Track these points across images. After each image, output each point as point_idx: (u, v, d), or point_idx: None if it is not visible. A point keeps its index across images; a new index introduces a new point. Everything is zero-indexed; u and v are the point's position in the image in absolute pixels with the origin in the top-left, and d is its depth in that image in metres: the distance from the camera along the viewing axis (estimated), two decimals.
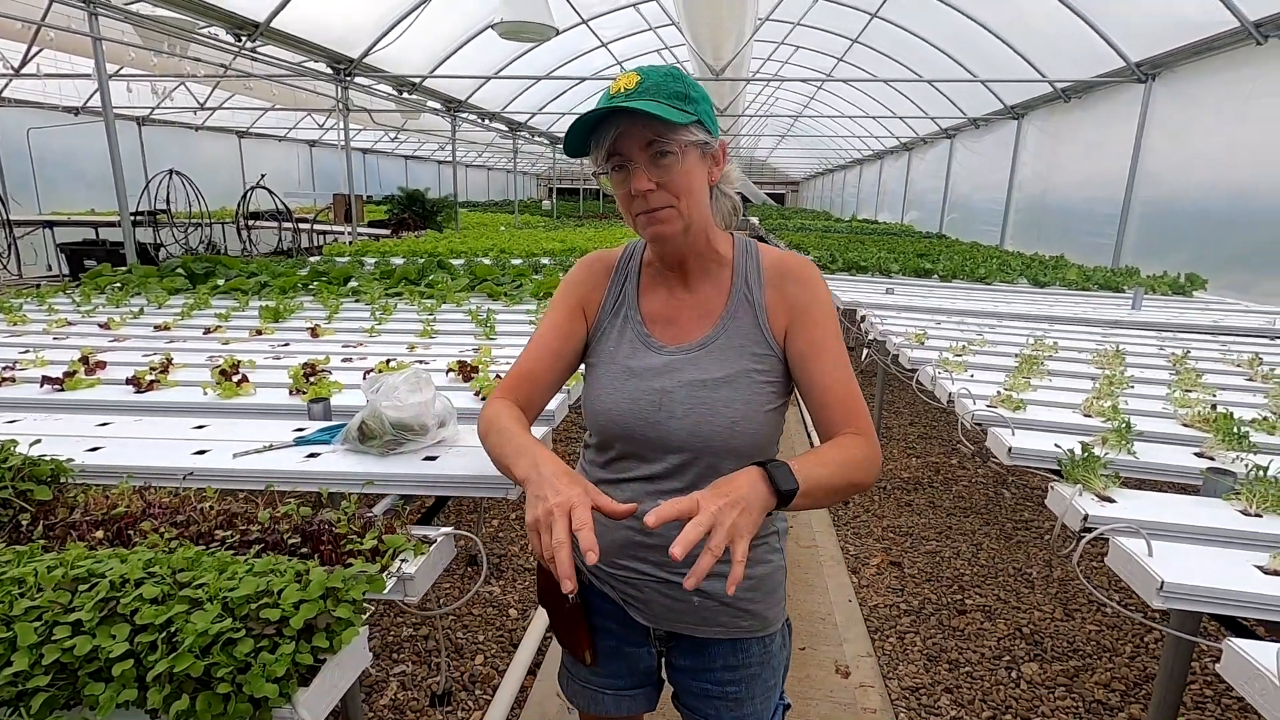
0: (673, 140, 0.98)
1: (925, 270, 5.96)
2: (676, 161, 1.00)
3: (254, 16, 6.62)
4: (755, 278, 1.10)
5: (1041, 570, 3.24)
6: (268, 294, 4.12)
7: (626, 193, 1.02)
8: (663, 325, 1.12)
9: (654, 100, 0.96)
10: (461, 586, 2.97)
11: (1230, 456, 1.70)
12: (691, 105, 1.00)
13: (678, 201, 1.01)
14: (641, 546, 1.09)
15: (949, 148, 12.68)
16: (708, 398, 1.03)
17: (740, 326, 1.07)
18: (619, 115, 0.98)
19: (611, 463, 1.12)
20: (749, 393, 1.04)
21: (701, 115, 1.01)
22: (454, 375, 2.27)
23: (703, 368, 1.06)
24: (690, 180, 1.02)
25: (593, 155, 1.04)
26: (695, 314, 1.11)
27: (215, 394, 2.04)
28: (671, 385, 1.05)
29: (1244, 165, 5.62)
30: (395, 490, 1.44)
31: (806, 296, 1.08)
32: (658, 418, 1.05)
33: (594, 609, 1.17)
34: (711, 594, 1.07)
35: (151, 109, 12.18)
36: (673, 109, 0.97)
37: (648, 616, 1.12)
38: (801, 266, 1.11)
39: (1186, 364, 2.80)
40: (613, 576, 1.13)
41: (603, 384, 1.11)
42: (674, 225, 1.03)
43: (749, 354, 1.06)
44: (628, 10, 10.14)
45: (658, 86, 0.98)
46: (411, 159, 22.76)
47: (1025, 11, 7.45)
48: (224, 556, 0.90)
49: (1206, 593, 1.11)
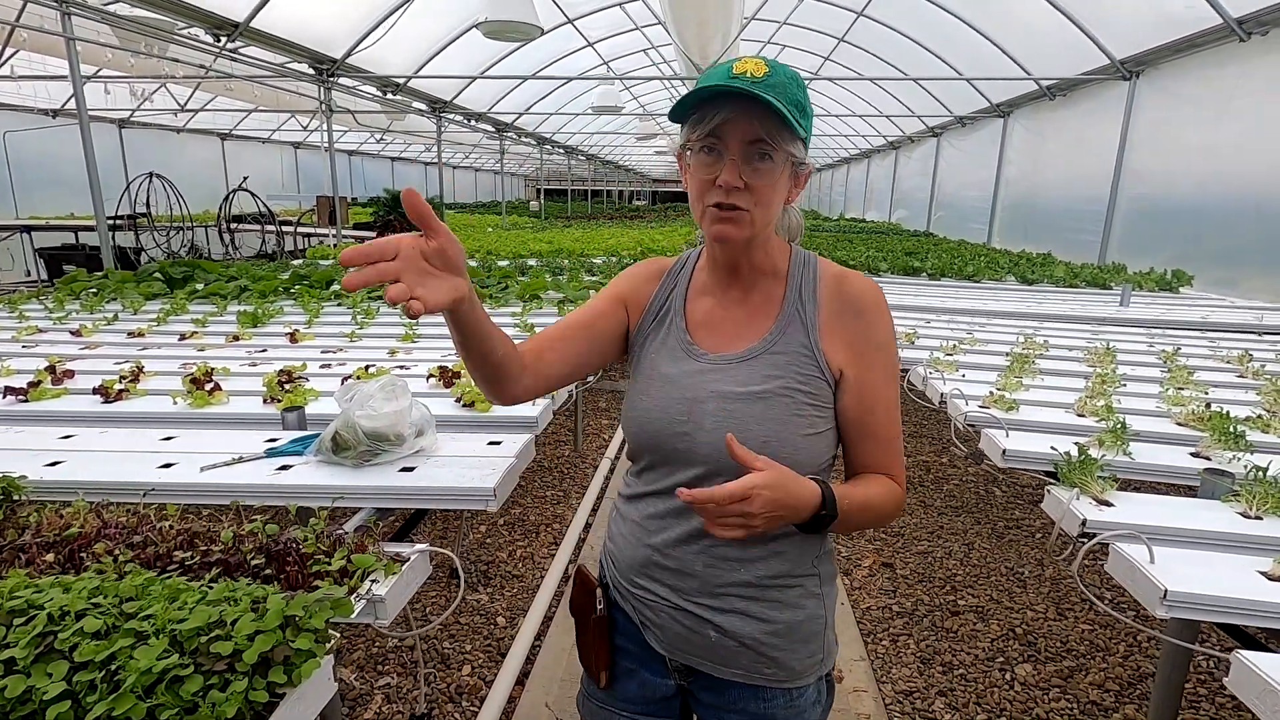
0: (779, 148, 0.92)
1: (914, 269, 5.95)
2: (773, 170, 0.93)
3: (233, 16, 6.52)
4: (810, 294, 1.02)
5: (1034, 569, 3.21)
6: (247, 298, 4.04)
7: (708, 180, 0.95)
8: (707, 332, 1.05)
9: (775, 99, 0.89)
10: (448, 595, 2.91)
11: (1227, 456, 1.68)
12: (805, 120, 0.93)
13: (755, 209, 0.94)
14: (658, 568, 1.01)
15: (936, 146, 12.72)
16: (739, 411, 0.97)
17: (788, 343, 1.00)
18: (735, 99, 0.91)
19: (643, 472, 1.07)
20: (785, 412, 0.96)
21: (808, 133, 0.95)
22: (435, 381, 2.21)
23: (739, 380, 0.99)
24: (774, 193, 0.95)
25: (689, 128, 0.96)
26: (742, 325, 1.04)
27: (186, 403, 1.98)
28: (704, 395, 0.99)
29: (1228, 162, 5.64)
30: (369, 504, 1.38)
31: (869, 331, 1.00)
32: (685, 428, 0.98)
33: (617, 627, 1.10)
34: (730, 631, 0.99)
35: (131, 111, 12.00)
36: (792, 116, 0.90)
37: (663, 644, 1.05)
38: (865, 293, 1.01)
39: (1177, 361, 2.78)
40: (632, 596, 1.06)
41: (637, 388, 1.06)
42: (743, 230, 0.96)
43: (793, 372, 0.98)
44: (613, 10, 10.08)
45: (784, 86, 0.90)
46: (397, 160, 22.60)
47: (1011, 9, 7.46)
48: (176, 583, 0.84)
49: (1211, 601, 1.08)
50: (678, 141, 1.01)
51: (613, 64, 12.37)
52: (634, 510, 1.06)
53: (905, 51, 9.75)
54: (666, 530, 1.00)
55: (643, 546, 1.03)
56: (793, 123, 0.89)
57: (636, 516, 1.05)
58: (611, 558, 1.10)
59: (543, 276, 4.65)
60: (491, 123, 13.62)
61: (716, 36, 7.40)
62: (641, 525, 1.03)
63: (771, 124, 0.90)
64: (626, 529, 1.06)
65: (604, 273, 5.20)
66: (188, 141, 14.19)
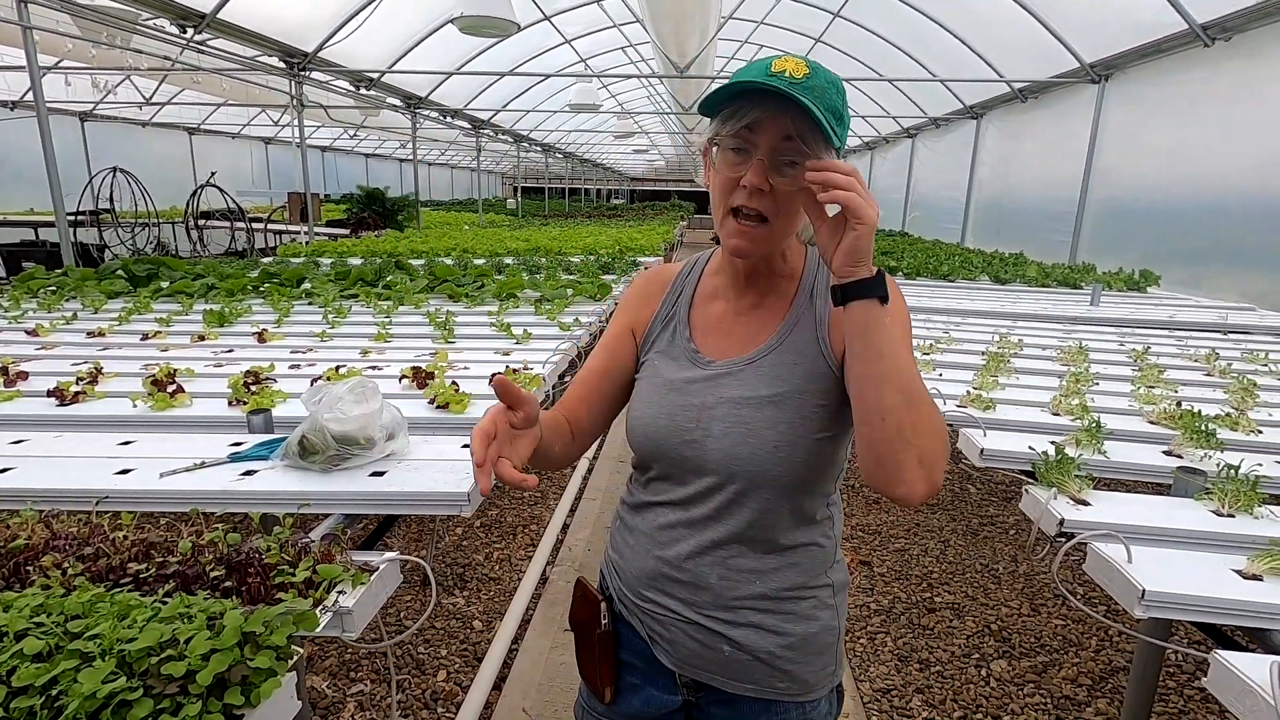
0: (811, 154, 0.86)
1: (890, 268, 6.00)
2: (800, 176, 0.86)
3: (200, 7, 6.34)
4: (823, 290, 0.97)
5: (1008, 566, 3.25)
6: (215, 297, 3.93)
7: (733, 178, 0.90)
8: (713, 338, 1.02)
9: (813, 104, 0.84)
10: (423, 599, 2.86)
11: (1198, 454, 1.70)
12: (841, 129, 0.89)
13: (776, 218, 0.90)
14: (668, 580, 0.98)
15: (910, 147, 12.86)
16: (750, 417, 0.93)
17: (796, 342, 0.96)
18: (770, 97, 0.86)
19: (651, 481, 1.03)
20: (796, 415, 0.93)
21: (843, 143, 0.90)
22: (408, 382, 2.16)
23: (749, 385, 0.95)
24: (796, 203, 0.90)
25: (719, 122, 0.92)
26: (751, 328, 1.00)
27: (146, 406, 1.90)
28: (713, 401, 0.96)
29: (1193, 164, 5.77)
30: (338, 510, 1.34)
31: None
32: (695, 435, 0.95)
33: (622, 642, 1.07)
34: (744, 646, 0.96)
35: (94, 104, 11.66)
36: (828, 124, 0.85)
37: (673, 660, 1.01)
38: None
39: (1148, 360, 2.83)
40: (640, 609, 1.03)
41: (641, 397, 1.03)
42: (760, 247, 0.93)
43: (802, 372, 0.94)
44: (591, 6, 10.03)
45: (823, 90, 0.86)
46: (372, 157, 22.28)
47: (983, 12, 7.55)
48: (126, 599, 0.79)
49: (1188, 601, 1.08)
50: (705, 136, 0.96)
51: (590, 61, 12.31)
52: (642, 521, 1.02)
53: (880, 53, 9.84)
54: (680, 542, 0.97)
55: (652, 558, 0.99)
56: (828, 130, 0.84)
57: (645, 527, 1.01)
58: (616, 569, 1.07)
59: (520, 275, 4.60)
60: (468, 119, 13.48)
61: (694, 34, 7.39)
62: (651, 537, 1.00)
63: (805, 128, 0.85)
64: (634, 540, 1.03)
65: (581, 271, 5.15)
66: (154, 136, 13.83)
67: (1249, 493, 1.39)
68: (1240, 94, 5.28)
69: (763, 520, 0.94)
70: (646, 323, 1.07)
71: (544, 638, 2.60)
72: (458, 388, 1.94)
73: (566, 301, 3.83)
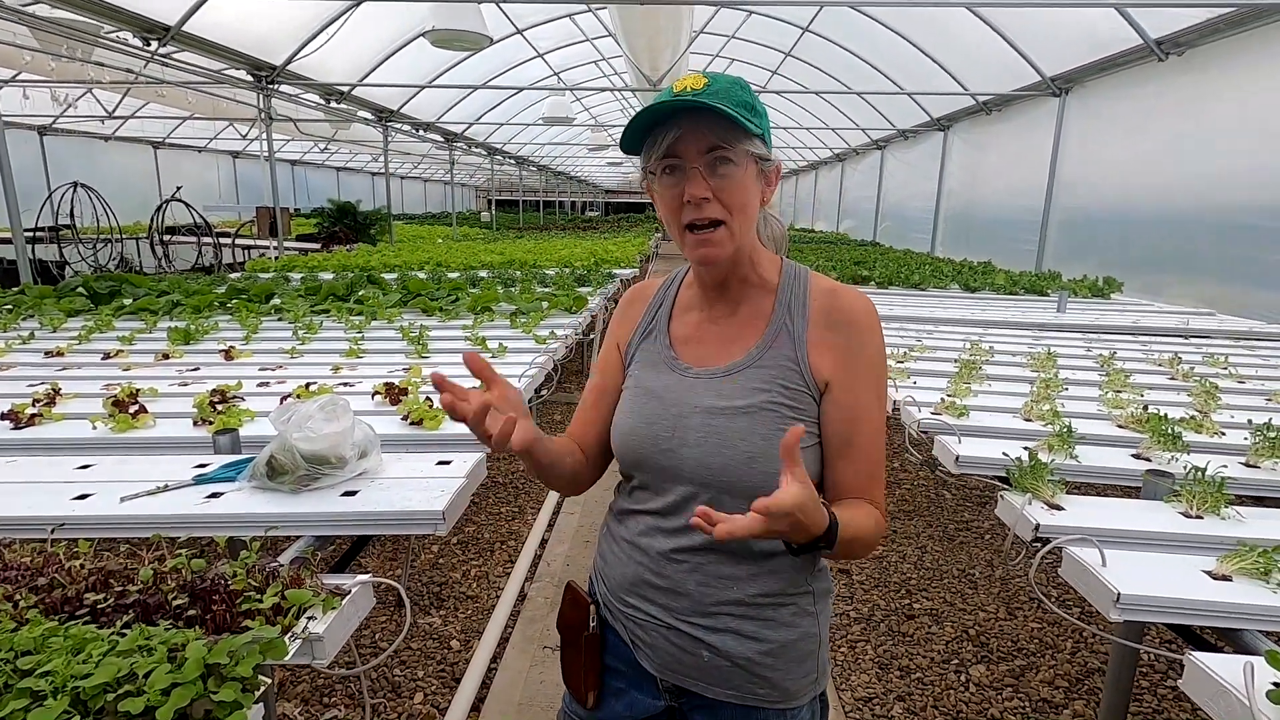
0: (737, 149, 0.91)
1: (863, 277, 6.08)
2: (737, 172, 0.92)
3: (164, 20, 6.23)
4: (800, 308, 1.00)
5: (984, 570, 3.28)
6: (180, 314, 3.84)
7: (677, 197, 0.93)
8: (692, 347, 1.04)
9: (721, 104, 0.89)
10: (398, 620, 2.79)
11: (1166, 457, 1.73)
12: (757, 118, 0.93)
13: (730, 218, 0.93)
14: (650, 586, 0.99)
15: (880, 158, 13.09)
16: (724, 427, 0.95)
17: (774, 357, 0.98)
18: (682, 115, 0.91)
19: (633, 491, 1.05)
20: (771, 427, 0.94)
21: (765, 130, 0.95)
22: (381, 399, 2.12)
23: (725, 395, 0.97)
24: (746, 196, 0.94)
25: (645, 155, 0.96)
26: (728, 338, 1.02)
27: (107, 428, 1.84)
28: (688, 410, 0.97)
29: (1150, 173, 5.95)
30: (308, 532, 1.30)
31: (858, 345, 0.97)
32: (670, 444, 0.97)
33: (607, 647, 1.08)
34: (722, 651, 0.97)
35: (54, 118, 11.37)
36: (741, 116, 0.90)
37: (654, 665, 1.02)
38: (857, 308, 0.99)
39: (1114, 365, 2.89)
40: (623, 615, 1.04)
41: (623, 405, 1.05)
42: (724, 248, 0.95)
43: (779, 386, 0.96)
44: (563, 21, 10.06)
45: (726, 92, 0.91)
46: (343, 170, 22.05)
47: (949, 28, 7.74)
48: (81, 632, 0.76)
49: (1161, 603, 1.09)
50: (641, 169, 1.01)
51: (563, 75, 12.34)
52: (624, 528, 1.04)
53: (849, 66, 10.02)
54: (658, 549, 0.99)
55: (633, 564, 1.01)
56: (743, 121, 0.89)
57: (627, 535, 1.03)
58: (601, 575, 1.08)
59: (494, 288, 4.56)
60: (440, 132, 13.41)
61: (666, 49, 7.46)
62: (633, 543, 1.02)
63: (722, 128, 0.90)
64: (617, 547, 1.05)
65: (557, 284, 5.14)
66: (117, 150, 13.54)
67: (1215, 494, 1.42)
68: (1192, 107, 5.46)
69: None
70: (630, 330, 1.10)
71: (524, 656, 2.55)
72: (432, 403, 1.91)
73: (542, 314, 3.81)
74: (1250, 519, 1.43)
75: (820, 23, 9.21)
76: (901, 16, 8.08)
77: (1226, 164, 5.12)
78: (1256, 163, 4.84)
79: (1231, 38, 5.02)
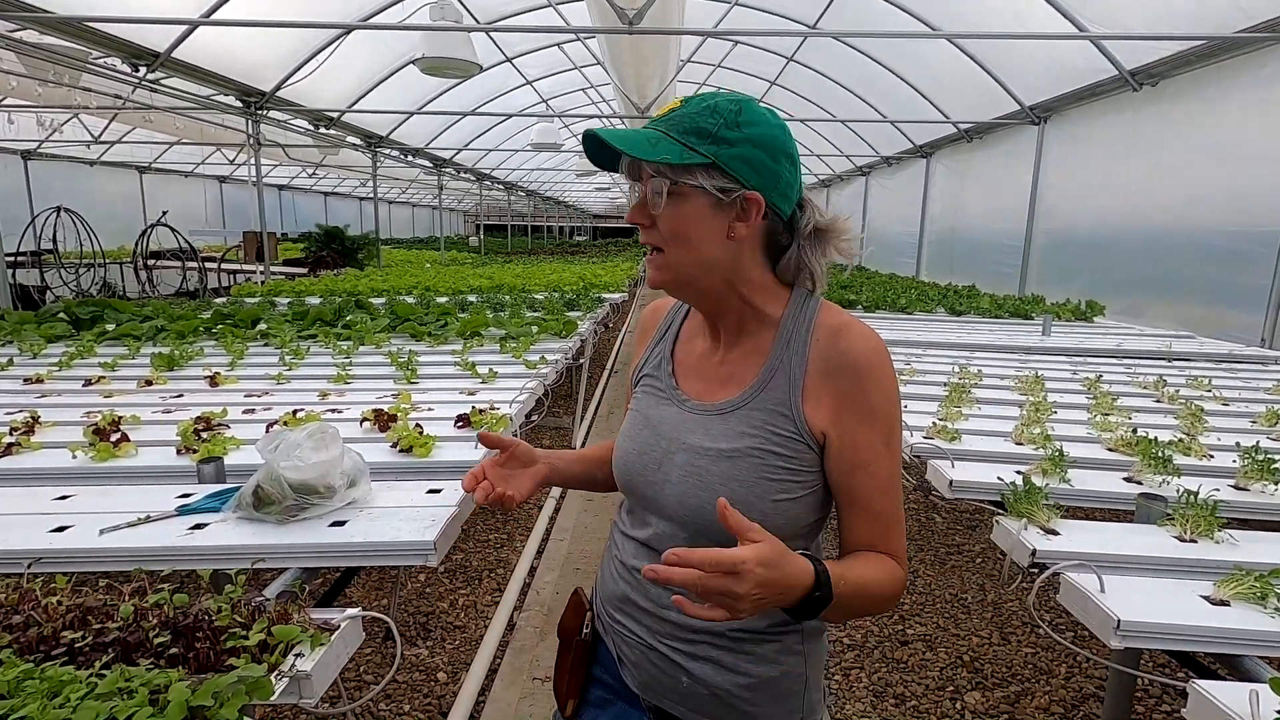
0: (678, 180, 0.87)
1: (850, 301, 6.13)
2: (668, 202, 0.88)
3: (154, 46, 6.24)
4: (801, 348, 0.93)
5: (976, 595, 3.27)
6: (164, 339, 3.79)
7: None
8: (692, 378, 1.02)
9: (664, 132, 0.88)
10: (383, 651, 2.73)
11: (1157, 480, 1.74)
12: (714, 145, 0.87)
13: (667, 247, 0.91)
14: (632, 604, 0.99)
15: (865, 184, 13.30)
16: (705, 469, 0.92)
17: (769, 400, 0.93)
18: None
19: (628, 513, 1.06)
20: (753, 474, 0.90)
21: (727, 158, 0.87)
22: (369, 425, 2.09)
23: (712, 435, 0.93)
24: (684, 226, 0.89)
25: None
26: (725, 374, 0.98)
27: (87, 457, 1.80)
28: (675, 446, 0.96)
29: (1128, 199, 6.09)
30: (296, 564, 1.27)
31: (861, 393, 0.90)
32: (656, 477, 0.96)
33: (598, 658, 1.08)
34: (701, 680, 0.95)
35: (39, 142, 11.32)
36: (673, 144, 0.87)
37: (636, 683, 1.02)
38: (862, 351, 0.91)
39: (1101, 388, 2.91)
40: (613, 629, 1.04)
41: (624, 428, 1.06)
42: (662, 274, 0.93)
43: (770, 432, 0.91)
44: (552, 50, 10.21)
45: (681, 119, 0.89)
46: (331, 195, 22.06)
47: (930, 59, 7.93)
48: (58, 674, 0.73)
49: (1162, 629, 1.09)
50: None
51: (552, 101, 12.49)
52: (617, 548, 1.05)
53: (834, 95, 10.22)
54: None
55: (620, 581, 1.02)
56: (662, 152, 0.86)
57: (620, 554, 1.04)
58: (599, 588, 1.10)
59: (484, 313, 4.55)
60: (429, 158, 13.48)
61: (654, 78, 7.57)
62: (623, 563, 1.02)
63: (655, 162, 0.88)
64: (612, 563, 1.06)
65: (546, 308, 5.13)
66: (102, 174, 13.47)
67: (1209, 518, 1.42)
68: (1166, 135, 5.61)
69: None
70: (640, 359, 1.11)
71: (513, 688, 2.50)
72: (422, 430, 1.88)
73: (532, 339, 3.80)
74: (1244, 542, 1.44)
75: (805, 53, 9.41)
76: (884, 47, 8.28)
77: (1201, 188, 5.25)
78: (1230, 187, 4.97)
79: (1201, 69, 5.18)
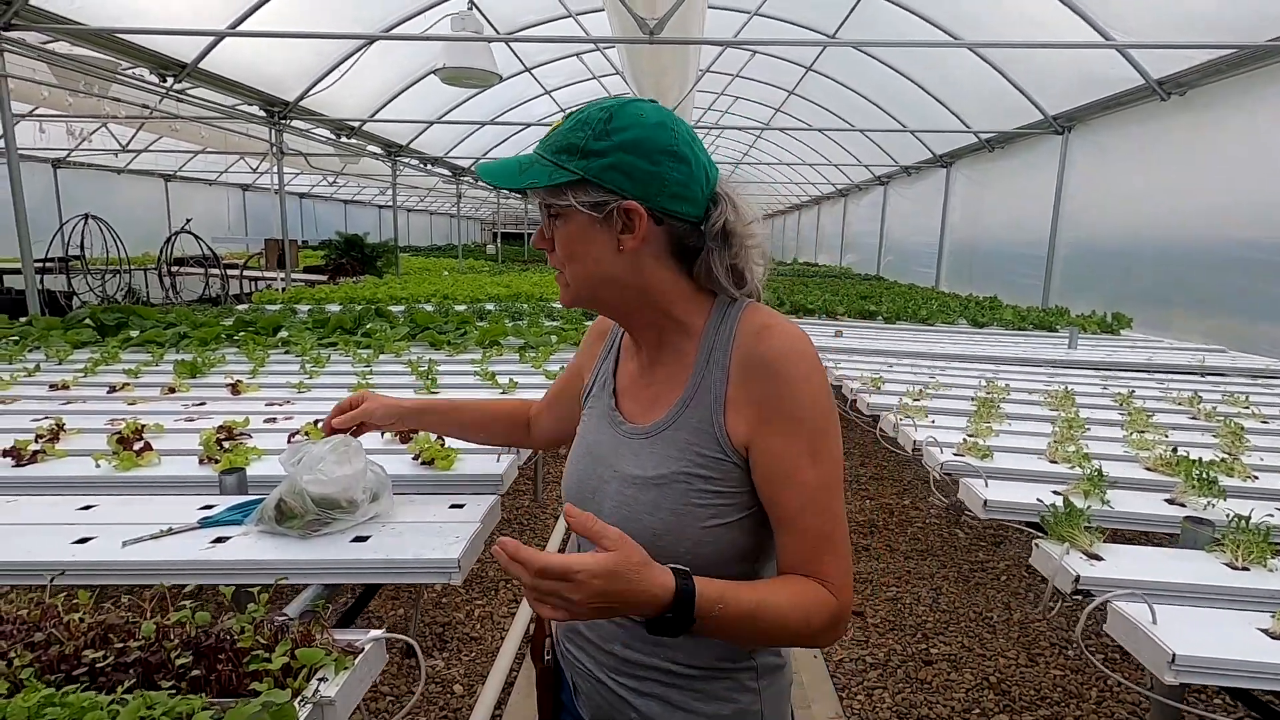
0: (556, 202, 0.87)
1: (870, 312, 6.06)
2: (555, 224, 0.89)
3: (181, 57, 6.36)
4: (721, 358, 0.87)
5: (1002, 614, 3.19)
6: (187, 346, 3.81)
7: None
8: (629, 400, 0.98)
9: (539, 154, 0.88)
10: (400, 664, 2.71)
11: (1201, 502, 1.67)
12: (583, 160, 0.83)
13: (563, 268, 0.91)
14: (580, 636, 0.98)
15: (883, 194, 13.21)
16: (634, 499, 0.88)
17: (692, 419, 0.87)
18: None
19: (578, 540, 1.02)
20: (680, 501, 0.85)
21: (598, 171, 0.83)
22: (390, 437, 2.07)
23: (640, 461, 0.89)
24: (573, 247, 0.88)
25: None
26: (655, 393, 0.94)
27: (111, 465, 1.79)
28: (609, 475, 0.93)
29: (1156, 211, 5.98)
30: (318, 580, 1.25)
31: (779, 398, 0.83)
32: (592, 506, 0.92)
33: (563, 684, 1.05)
34: (649, 718, 0.91)
35: (68, 151, 11.55)
36: (544, 166, 0.85)
37: (588, 714, 0.99)
38: (779, 351, 0.84)
39: (1133, 403, 2.84)
40: (566, 656, 1.02)
41: (571, 452, 1.04)
42: (565, 294, 0.93)
43: (695, 454, 0.86)
44: (570, 60, 10.27)
45: (555, 138, 0.87)
46: (351, 203, 22.31)
47: (949, 67, 7.86)
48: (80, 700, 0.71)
49: (1220, 665, 1.03)
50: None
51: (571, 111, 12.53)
52: None
53: (852, 104, 10.16)
54: None
55: None
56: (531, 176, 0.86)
57: None
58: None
59: (503, 322, 4.54)
60: (448, 167, 13.59)
61: (673, 88, 7.58)
62: None
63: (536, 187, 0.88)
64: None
65: (564, 317, 5.12)
66: (129, 182, 13.71)
67: (1262, 543, 1.36)
68: (1196, 145, 5.50)
69: None
70: (591, 368, 1.08)
71: (529, 700, 2.46)
72: (444, 442, 1.86)
73: (551, 349, 3.78)
74: None
75: (823, 62, 9.37)
76: (904, 56, 8.22)
77: (1231, 199, 5.14)
78: (1261, 198, 4.85)
79: (1232, 78, 5.08)
